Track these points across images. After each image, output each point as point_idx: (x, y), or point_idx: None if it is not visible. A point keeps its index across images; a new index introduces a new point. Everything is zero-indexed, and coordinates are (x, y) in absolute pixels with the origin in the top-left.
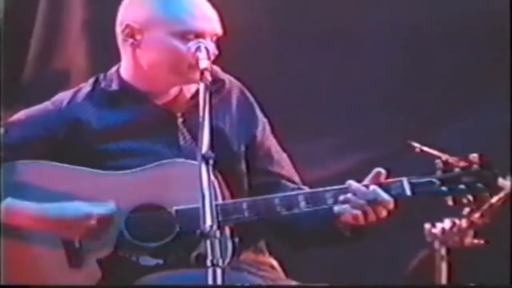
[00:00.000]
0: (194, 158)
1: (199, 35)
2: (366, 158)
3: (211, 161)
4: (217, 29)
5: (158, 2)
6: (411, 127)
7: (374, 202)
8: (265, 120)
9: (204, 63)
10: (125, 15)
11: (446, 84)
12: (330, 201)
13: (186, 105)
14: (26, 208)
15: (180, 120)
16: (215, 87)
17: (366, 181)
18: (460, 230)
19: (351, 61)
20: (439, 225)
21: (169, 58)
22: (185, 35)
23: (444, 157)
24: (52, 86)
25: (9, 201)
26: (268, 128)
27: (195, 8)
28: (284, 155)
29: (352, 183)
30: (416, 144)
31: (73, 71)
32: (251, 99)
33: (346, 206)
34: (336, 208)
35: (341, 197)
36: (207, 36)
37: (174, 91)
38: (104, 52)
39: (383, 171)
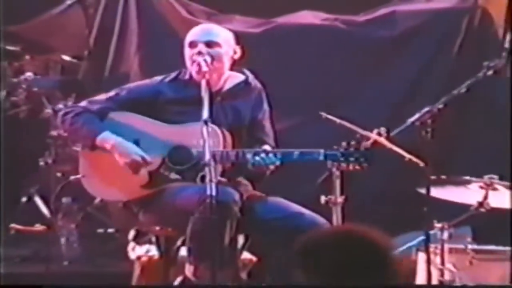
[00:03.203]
0: (220, 124)
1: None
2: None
3: (209, 124)
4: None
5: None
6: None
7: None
8: (267, 108)
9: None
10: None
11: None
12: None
13: (223, 91)
14: (114, 138)
15: (217, 99)
16: (243, 81)
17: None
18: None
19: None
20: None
21: None
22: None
23: (358, 133)
24: (119, 82)
25: (107, 133)
26: (267, 114)
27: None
28: (272, 131)
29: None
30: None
31: (131, 73)
32: (262, 93)
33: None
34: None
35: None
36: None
37: (219, 82)
38: (149, 63)
39: None
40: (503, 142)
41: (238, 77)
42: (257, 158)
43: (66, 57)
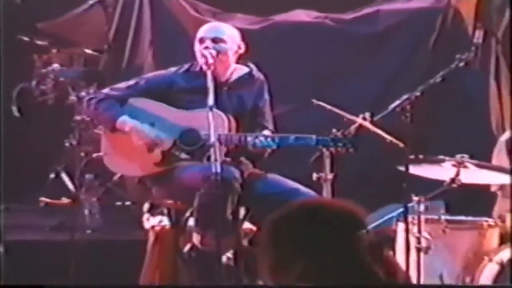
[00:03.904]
0: (226, 110)
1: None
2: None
3: (214, 109)
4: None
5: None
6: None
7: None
8: (268, 97)
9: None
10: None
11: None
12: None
13: (229, 81)
14: (132, 122)
15: (225, 89)
16: (247, 73)
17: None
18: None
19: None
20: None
21: None
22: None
23: (346, 118)
24: (134, 73)
25: (125, 116)
26: (268, 102)
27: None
28: (271, 118)
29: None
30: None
31: (145, 65)
32: (264, 84)
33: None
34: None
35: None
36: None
37: (226, 74)
38: (161, 56)
39: None
40: (473, 125)
41: (243, 70)
42: (257, 141)
43: (88, 51)
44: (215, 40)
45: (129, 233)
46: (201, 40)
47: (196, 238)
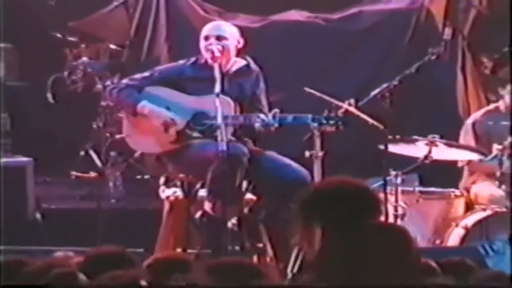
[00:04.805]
0: (229, 97)
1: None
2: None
3: (220, 95)
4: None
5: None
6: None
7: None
8: (263, 86)
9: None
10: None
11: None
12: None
13: (230, 72)
14: (150, 105)
15: (226, 78)
16: (245, 65)
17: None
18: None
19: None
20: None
21: None
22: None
23: (335, 104)
24: (152, 65)
25: (145, 101)
26: (264, 91)
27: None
28: (267, 104)
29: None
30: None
31: (161, 58)
32: (260, 75)
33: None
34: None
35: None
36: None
37: (227, 66)
38: (175, 50)
39: None
40: (443, 109)
41: (242, 62)
42: (260, 120)
43: (113, 46)
44: (218, 38)
45: (148, 203)
46: (206, 38)
47: (207, 206)
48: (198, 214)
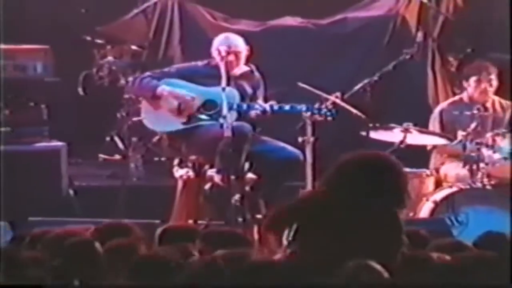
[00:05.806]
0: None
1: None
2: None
3: (226, 89)
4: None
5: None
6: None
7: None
8: (262, 90)
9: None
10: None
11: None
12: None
13: (236, 76)
14: (169, 87)
15: (232, 79)
16: (249, 71)
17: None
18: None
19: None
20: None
21: None
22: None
23: (324, 97)
24: (167, 63)
25: (164, 85)
26: (262, 94)
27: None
28: (263, 102)
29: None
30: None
31: (175, 58)
32: (261, 81)
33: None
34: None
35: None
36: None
37: (234, 71)
38: (187, 51)
39: None
40: (415, 101)
41: (246, 68)
42: (261, 108)
43: (134, 47)
44: (229, 46)
45: (164, 181)
46: (218, 48)
47: (217, 178)
48: (208, 186)
